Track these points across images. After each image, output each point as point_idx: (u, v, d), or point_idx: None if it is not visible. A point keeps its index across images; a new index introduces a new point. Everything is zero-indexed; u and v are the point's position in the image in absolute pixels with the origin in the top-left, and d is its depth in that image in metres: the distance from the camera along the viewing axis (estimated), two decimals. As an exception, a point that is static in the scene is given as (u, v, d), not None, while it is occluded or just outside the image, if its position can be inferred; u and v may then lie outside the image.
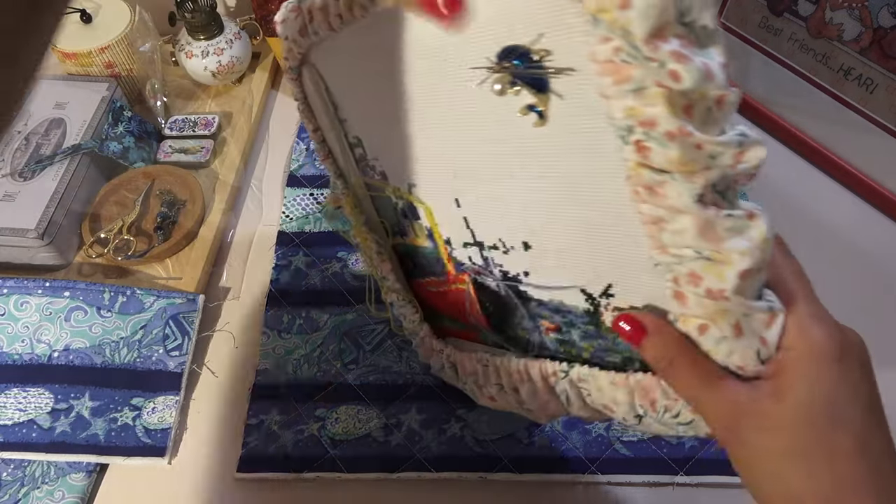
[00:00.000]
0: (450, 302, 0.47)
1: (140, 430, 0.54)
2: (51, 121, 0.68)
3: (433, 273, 0.47)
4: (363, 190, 0.47)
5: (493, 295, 0.43)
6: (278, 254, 0.65)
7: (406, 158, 0.42)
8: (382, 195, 0.46)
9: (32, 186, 0.63)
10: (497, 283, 0.42)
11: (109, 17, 0.73)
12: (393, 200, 0.46)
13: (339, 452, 0.53)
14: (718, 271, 0.29)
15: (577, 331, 0.40)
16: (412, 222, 0.45)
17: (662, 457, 0.53)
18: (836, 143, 0.70)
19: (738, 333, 0.30)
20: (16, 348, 0.57)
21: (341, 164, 0.47)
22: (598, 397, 0.38)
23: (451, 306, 0.47)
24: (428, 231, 0.45)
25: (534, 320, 0.42)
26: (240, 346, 0.60)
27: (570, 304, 0.39)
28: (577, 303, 0.38)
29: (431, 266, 0.46)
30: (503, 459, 0.53)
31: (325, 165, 0.48)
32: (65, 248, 0.63)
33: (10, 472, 0.53)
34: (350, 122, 0.45)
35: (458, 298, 0.45)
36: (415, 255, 0.47)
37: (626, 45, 0.26)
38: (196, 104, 0.77)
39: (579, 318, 0.39)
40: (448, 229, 0.43)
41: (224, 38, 0.74)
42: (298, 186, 0.70)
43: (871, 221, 0.68)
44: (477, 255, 0.42)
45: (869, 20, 0.62)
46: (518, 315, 0.43)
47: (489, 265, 0.42)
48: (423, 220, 0.45)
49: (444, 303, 0.48)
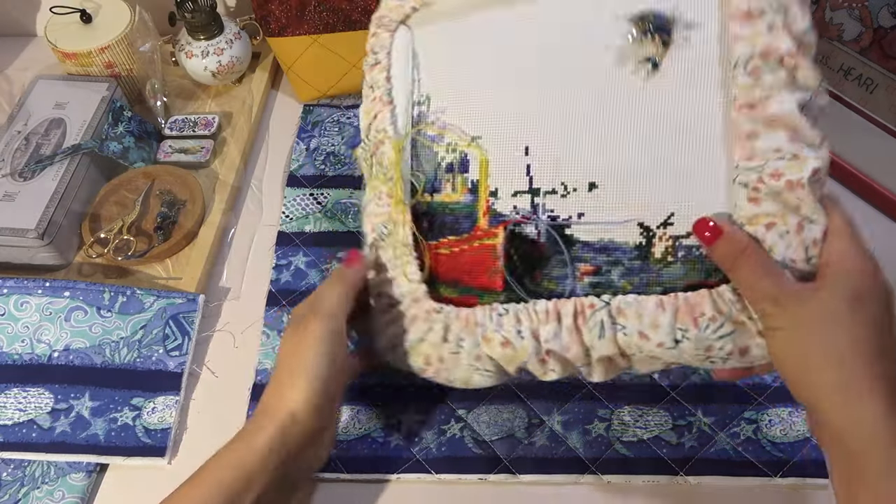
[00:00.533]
0: (464, 261, 0.48)
1: (140, 430, 0.54)
2: (51, 121, 0.68)
3: (454, 231, 0.48)
4: (407, 142, 0.50)
5: (527, 245, 0.46)
6: (278, 254, 0.65)
7: (484, 113, 0.48)
8: (428, 149, 0.50)
9: (32, 186, 0.63)
10: (540, 229, 0.46)
11: (109, 17, 0.73)
12: (440, 155, 0.49)
13: (338, 452, 0.53)
14: (798, 166, 0.39)
15: (619, 269, 0.44)
16: (457, 175, 0.48)
17: (662, 457, 0.53)
18: (836, 143, 0.69)
19: (798, 230, 0.39)
20: (16, 348, 0.57)
21: (399, 113, 0.51)
22: (635, 326, 0.42)
23: (462, 266, 0.48)
24: (472, 184, 0.48)
25: (570, 266, 0.45)
26: (240, 346, 0.60)
27: (619, 242, 0.44)
28: (628, 238, 0.44)
29: (455, 223, 0.48)
30: (503, 460, 0.53)
31: (376, 114, 0.51)
32: (65, 248, 0.63)
33: (10, 472, 0.53)
34: (424, 80, 0.51)
35: (479, 257, 0.47)
36: (435, 214, 0.49)
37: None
38: (196, 104, 0.78)
39: (626, 255, 0.44)
40: (499, 180, 0.47)
41: (224, 38, 0.74)
42: (298, 186, 0.70)
43: (871, 221, 0.68)
44: (527, 202, 0.46)
45: (869, 20, 0.62)
46: (551, 264, 0.45)
47: (537, 211, 0.46)
48: (470, 173, 0.48)
49: (455, 264, 0.48)
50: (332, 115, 0.76)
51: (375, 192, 0.51)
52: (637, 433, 0.54)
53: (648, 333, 0.42)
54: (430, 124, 0.50)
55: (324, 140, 0.74)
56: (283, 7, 0.70)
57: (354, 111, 0.76)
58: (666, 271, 0.43)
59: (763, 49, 0.40)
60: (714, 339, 0.41)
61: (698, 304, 0.41)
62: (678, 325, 0.41)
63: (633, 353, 0.43)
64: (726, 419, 0.54)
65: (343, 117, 0.76)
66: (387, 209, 0.50)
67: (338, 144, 0.73)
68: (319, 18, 0.70)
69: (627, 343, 0.42)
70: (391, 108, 0.51)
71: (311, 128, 0.75)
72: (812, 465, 0.52)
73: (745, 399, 0.56)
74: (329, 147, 0.73)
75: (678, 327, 0.41)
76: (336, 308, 0.47)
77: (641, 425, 0.54)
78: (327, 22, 0.71)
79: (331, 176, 0.71)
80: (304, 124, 0.76)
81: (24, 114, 0.69)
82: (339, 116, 0.76)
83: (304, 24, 0.71)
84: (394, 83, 0.51)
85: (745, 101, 0.41)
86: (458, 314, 0.47)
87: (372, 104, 0.52)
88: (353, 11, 0.70)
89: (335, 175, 0.71)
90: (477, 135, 0.48)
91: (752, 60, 0.40)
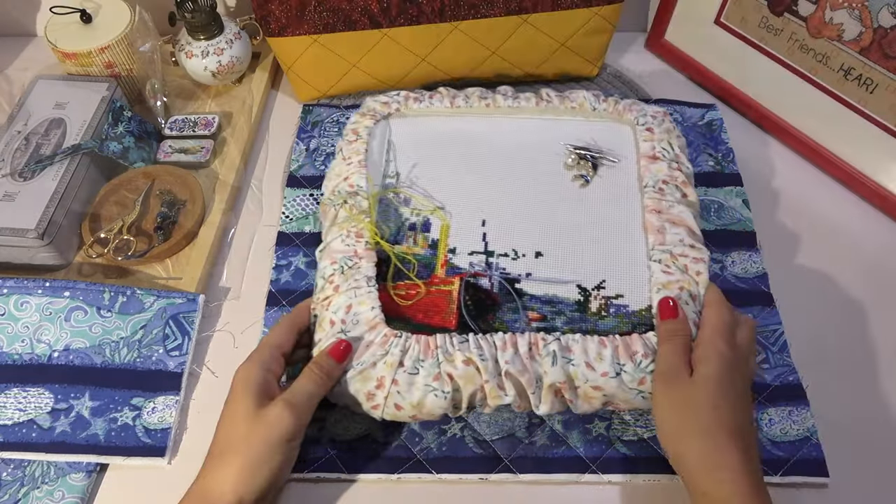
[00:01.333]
0: (421, 302, 0.56)
1: (140, 430, 0.54)
2: (51, 121, 0.68)
3: (410, 278, 0.57)
4: (375, 201, 0.61)
5: (481, 293, 0.56)
6: (278, 254, 0.65)
7: (448, 192, 0.62)
8: (394, 208, 0.61)
9: (32, 186, 0.63)
10: (494, 282, 0.57)
11: (109, 17, 0.73)
12: (405, 215, 0.61)
13: (339, 452, 0.53)
14: (697, 252, 0.56)
15: (562, 318, 0.55)
16: (419, 233, 0.60)
17: (663, 456, 0.53)
18: (836, 143, 0.70)
19: (695, 297, 0.53)
20: (16, 348, 0.57)
21: (372, 178, 0.62)
22: (582, 358, 0.50)
23: (418, 306, 0.55)
24: (433, 241, 0.59)
25: (522, 312, 0.55)
26: (240, 346, 0.60)
27: (562, 297, 0.56)
28: (569, 295, 0.56)
29: (413, 270, 0.57)
30: (504, 459, 0.53)
31: (347, 176, 0.61)
32: (65, 248, 0.63)
33: (10, 472, 0.53)
34: (397, 161, 0.65)
35: (435, 300, 0.56)
36: (395, 261, 0.57)
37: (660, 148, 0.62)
38: (196, 104, 0.78)
39: (568, 307, 0.56)
40: (458, 241, 0.59)
41: (224, 38, 0.74)
42: (298, 186, 0.70)
43: (871, 221, 0.68)
44: (482, 260, 0.58)
45: (869, 20, 0.62)
46: (503, 311, 0.55)
47: (491, 268, 0.57)
48: (431, 233, 0.60)
49: (411, 304, 0.55)
50: (332, 115, 0.76)
51: (342, 231, 0.57)
52: (637, 432, 0.54)
53: (594, 364, 0.49)
54: (399, 190, 0.62)
55: (324, 140, 0.74)
56: (283, 7, 0.70)
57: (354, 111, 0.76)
58: (601, 322, 0.54)
59: (665, 177, 0.60)
60: (647, 372, 0.49)
61: (632, 343, 0.50)
62: (618, 361, 0.50)
63: (580, 385, 0.50)
64: (726, 419, 0.55)
65: (343, 117, 0.76)
66: (352, 247, 0.56)
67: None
68: (319, 18, 0.70)
69: (575, 373, 0.50)
70: (365, 174, 0.61)
71: (311, 128, 0.75)
72: (812, 464, 0.52)
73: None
74: (329, 147, 0.73)
75: (618, 362, 0.50)
76: (307, 403, 0.48)
77: (642, 424, 0.54)
78: (327, 22, 0.71)
79: (331, 176, 0.71)
80: (304, 124, 0.76)
81: (24, 114, 0.69)
82: (339, 116, 0.76)
83: (304, 24, 0.71)
84: (369, 157, 0.63)
85: (654, 208, 0.59)
86: (417, 339, 0.51)
87: (346, 167, 0.61)
88: (353, 11, 0.70)
89: (335, 175, 0.71)
90: (440, 205, 0.61)
91: (658, 183, 0.60)
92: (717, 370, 0.47)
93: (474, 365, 0.49)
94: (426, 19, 0.71)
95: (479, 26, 0.71)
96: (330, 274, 0.55)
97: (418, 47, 0.73)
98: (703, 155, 0.71)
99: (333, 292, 0.54)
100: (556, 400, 0.50)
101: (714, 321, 0.50)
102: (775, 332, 0.59)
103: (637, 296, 0.55)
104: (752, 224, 0.66)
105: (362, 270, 0.54)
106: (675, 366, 0.48)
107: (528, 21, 0.71)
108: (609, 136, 0.66)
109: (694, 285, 0.53)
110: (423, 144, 0.65)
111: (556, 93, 0.68)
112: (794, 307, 0.61)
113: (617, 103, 0.67)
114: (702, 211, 0.66)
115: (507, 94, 0.68)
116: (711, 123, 0.74)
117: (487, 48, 0.74)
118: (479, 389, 0.50)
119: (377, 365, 0.50)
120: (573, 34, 0.73)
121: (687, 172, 0.61)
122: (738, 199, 0.68)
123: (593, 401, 0.50)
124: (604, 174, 0.63)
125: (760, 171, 0.72)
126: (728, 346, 0.48)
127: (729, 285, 0.62)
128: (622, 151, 0.64)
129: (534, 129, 0.66)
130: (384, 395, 0.49)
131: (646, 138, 0.63)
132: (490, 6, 0.70)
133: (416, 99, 0.68)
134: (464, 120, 0.67)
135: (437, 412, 0.50)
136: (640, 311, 0.55)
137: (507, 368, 0.49)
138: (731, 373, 0.47)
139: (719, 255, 0.64)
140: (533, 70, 0.77)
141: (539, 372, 0.50)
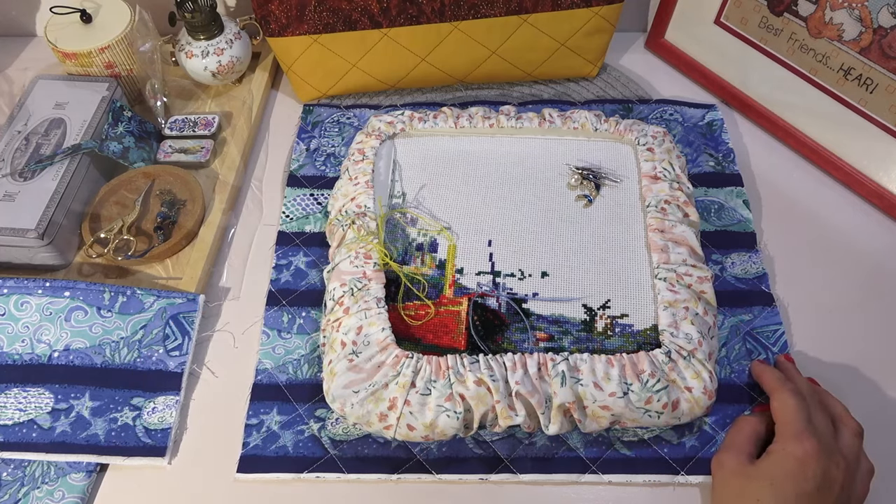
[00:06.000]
0: (430, 323, 0.57)
1: (140, 430, 0.54)
2: (51, 121, 0.68)
3: (419, 298, 0.58)
4: (384, 219, 0.62)
5: (489, 313, 0.57)
6: (278, 254, 0.65)
7: (454, 212, 0.64)
8: (401, 229, 0.62)
9: (32, 186, 0.63)
10: (501, 302, 0.58)
11: (109, 17, 0.73)
12: (412, 236, 0.62)
13: (339, 453, 0.53)
14: (700, 271, 0.57)
15: (569, 337, 0.56)
16: (426, 254, 0.61)
17: (663, 457, 0.53)
18: (836, 143, 0.70)
19: (705, 313, 0.55)
20: (16, 348, 0.57)
21: (379, 199, 0.63)
22: (590, 378, 0.50)
23: (427, 326, 0.56)
24: (440, 262, 0.61)
25: (530, 331, 0.56)
26: (240, 346, 0.60)
27: (568, 317, 0.57)
28: (575, 315, 0.57)
29: (422, 291, 0.58)
30: (504, 460, 0.53)
31: (354, 196, 0.62)
32: (65, 248, 0.63)
33: (10, 472, 0.53)
34: (403, 181, 0.66)
35: (444, 320, 0.57)
36: (404, 282, 0.58)
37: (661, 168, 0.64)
38: (196, 104, 0.77)
39: (575, 327, 0.57)
40: (465, 261, 0.61)
41: (224, 38, 0.74)
42: (298, 186, 0.70)
43: (871, 221, 0.68)
44: (489, 280, 0.60)
45: (869, 20, 0.62)
46: (510, 331, 0.57)
47: (498, 288, 0.59)
48: (439, 253, 0.61)
49: (420, 325, 0.56)
50: (332, 115, 0.76)
51: (350, 252, 0.57)
52: (637, 433, 0.54)
53: (602, 384, 0.50)
54: (407, 210, 0.63)
55: (324, 140, 0.74)
56: (283, 7, 0.70)
57: (354, 111, 0.76)
58: (607, 342, 0.56)
59: (667, 197, 0.61)
60: (654, 391, 0.50)
61: (639, 362, 0.51)
62: (626, 380, 0.50)
63: (588, 405, 0.50)
64: (727, 419, 0.54)
65: (343, 117, 0.76)
66: (361, 268, 0.56)
67: (338, 145, 0.73)
68: (319, 18, 0.70)
69: (584, 393, 0.50)
70: (372, 194, 0.62)
71: (312, 128, 0.75)
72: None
73: (745, 399, 0.56)
74: (329, 147, 0.73)
75: (625, 381, 0.50)
76: None
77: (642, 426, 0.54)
78: (327, 22, 0.71)
79: (331, 176, 0.71)
80: (304, 124, 0.76)
81: (24, 114, 0.69)
82: (339, 116, 0.76)
83: (304, 24, 0.71)
84: (376, 177, 0.64)
85: (657, 227, 0.60)
86: (429, 360, 0.51)
87: (353, 188, 0.62)
88: (353, 11, 0.70)
89: (335, 175, 0.70)
90: (447, 225, 0.63)
91: (660, 203, 0.61)
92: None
93: (486, 385, 0.50)
94: (426, 19, 0.71)
95: (478, 26, 0.71)
96: (340, 296, 0.55)
97: (418, 47, 0.73)
98: (704, 155, 0.71)
99: (344, 314, 0.54)
100: (565, 420, 0.51)
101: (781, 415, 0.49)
102: (775, 332, 0.59)
103: (641, 316, 0.57)
104: (752, 224, 0.66)
105: (372, 292, 0.55)
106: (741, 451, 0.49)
107: (528, 21, 0.71)
108: (611, 156, 0.67)
109: (700, 304, 0.55)
110: (428, 164, 0.67)
111: (559, 113, 0.69)
112: (794, 307, 0.61)
113: (618, 123, 0.68)
114: (702, 211, 0.66)
115: (510, 115, 0.69)
116: (712, 124, 0.74)
117: (487, 48, 0.74)
118: (491, 410, 0.50)
119: (389, 386, 0.50)
120: (573, 34, 0.73)
121: (688, 192, 0.62)
122: (738, 199, 0.68)
123: (601, 420, 0.51)
124: (606, 194, 0.64)
125: (761, 172, 0.72)
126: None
127: (729, 286, 0.62)
128: (624, 171, 0.66)
129: (537, 149, 0.68)
130: (396, 416, 0.50)
131: (647, 158, 0.65)
132: (490, 6, 0.70)
133: (420, 119, 0.69)
134: (468, 140, 0.69)
135: (450, 433, 0.50)
136: (645, 331, 0.56)
137: (517, 389, 0.49)
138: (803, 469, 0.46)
139: (719, 256, 0.64)
140: (533, 70, 0.77)
141: (549, 392, 0.50)
